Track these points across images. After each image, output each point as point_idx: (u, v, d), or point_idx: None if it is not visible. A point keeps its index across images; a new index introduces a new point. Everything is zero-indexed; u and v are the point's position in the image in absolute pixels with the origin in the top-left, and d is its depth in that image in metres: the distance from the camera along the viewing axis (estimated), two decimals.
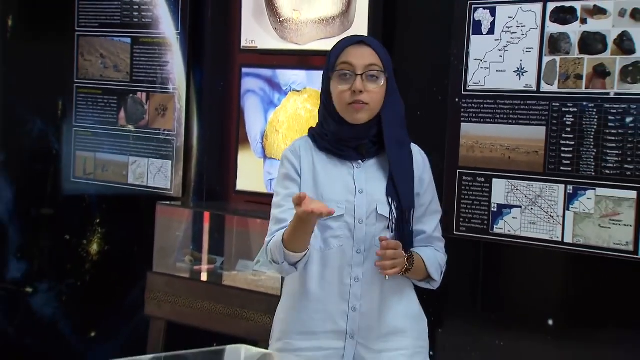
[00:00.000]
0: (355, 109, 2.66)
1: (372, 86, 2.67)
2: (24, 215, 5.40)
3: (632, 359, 3.43)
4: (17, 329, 5.41)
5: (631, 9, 3.38)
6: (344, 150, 2.75)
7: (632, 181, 3.39)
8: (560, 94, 3.55)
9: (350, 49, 2.71)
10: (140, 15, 4.86)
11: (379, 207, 2.72)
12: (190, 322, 4.15)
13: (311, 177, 2.76)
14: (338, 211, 2.65)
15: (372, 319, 2.74)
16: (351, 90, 2.66)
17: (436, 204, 2.89)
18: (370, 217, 2.72)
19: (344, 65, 2.69)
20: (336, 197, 2.70)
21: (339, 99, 2.69)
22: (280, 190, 2.82)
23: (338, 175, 2.75)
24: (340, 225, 2.70)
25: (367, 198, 2.72)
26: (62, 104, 5.20)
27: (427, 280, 2.80)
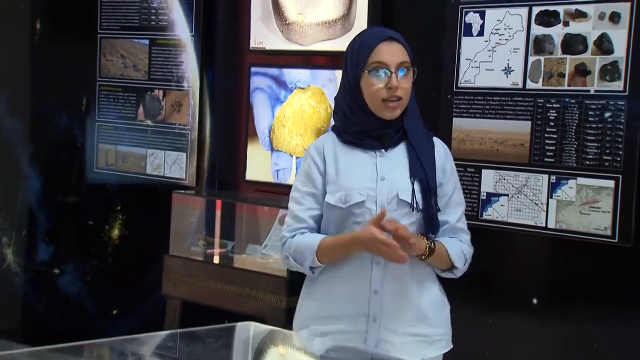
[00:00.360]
0: (391, 107, 2.57)
1: (404, 82, 2.57)
2: (51, 202, 5.41)
3: (609, 333, 3.43)
4: (45, 307, 5.42)
5: (610, 13, 3.38)
6: (366, 140, 2.65)
7: (610, 171, 3.39)
8: (544, 91, 3.55)
9: (382, 47, 2.59)
10: (157, 18, 4.86)
11: (400, 193, 2.60)
12: (203, 301, 4.15)
13: (334, 171, 2.65)
14: (359, 197, 2.57)
15: (395, 303, 2.61)
16: (387, 87, 2.55)
17: (459, 195, 2.76)
18: (391, 203, 2.59)
19: (378, 64, 2.57)
20: (357, 185, 2.60)
21: (375, 95, 2.57)
22: (300, 186, 2.71)
23: (360, 164, 2.64)
24: (362, 212, 2.59)
25: (389, 185, 2.61)
26: (85, 101, 5.21)
27: (450, 269, 2.66)
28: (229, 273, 4.14)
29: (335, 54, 4.15)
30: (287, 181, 4.31)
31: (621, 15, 3.36)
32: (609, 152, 3.40)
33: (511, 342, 3.63)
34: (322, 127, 4.21)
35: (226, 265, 4.26)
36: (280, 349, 2.68)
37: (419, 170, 2.62)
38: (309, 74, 4.27)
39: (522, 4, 3.60)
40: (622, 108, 3.37)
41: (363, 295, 2.59)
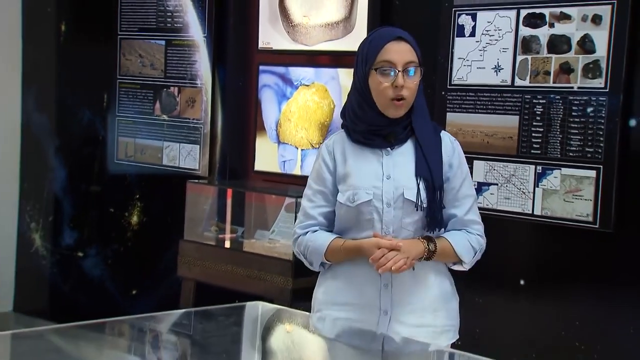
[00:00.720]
0: (396, 105, 2.47)
1: (410, 81, 2.47)
2: (75, 191, 5.41)
3: (590, 311, 3.42)
4: (70, 287, 5.43)
5: (592, 15, 3.38)
6: (374, 139, 2.54)
7: (592, 162, 3.39)
8: (531, 88, 3.55)
9: (390, 46, 2.47)
10: (172, 21, 4.85)
11: (405, 191, 2.49)
12: (215, 283, 4.16)
13: (343, 170, 2.56)
14: (366, 197, 2.48)
15: (405, 296, 2.53)
16: (393, 86, 2.45)
17: (468, 188, 2.62)
18: (397, 201, 2.49)
19: (385, 63, 2.46)
20: (364, 184, 2.50)
21: (381, 94, 2.47)
22: (312, 184, 2.64)
23: (367, 163, 2.54)
24: (370, 210, 2.49)
25: (394, 183, 2.50)
26: (106, 97, 5.20)
27: (458, 262, 2.57)
28: (239, 256, 4.14)
29: (338, 54, 4.16)
30: (292, 171, 4.32)
31: (602, 17, 3.36)
32: (590, 144, 3.40)
33: (500, 320, 3.63)
34: (325, 121, 4.20)
35: (236, 249, 4.26)
36: (286, 326, 2.67)
37: (424, 169, 2.51)
38: (313, 72, 4.26)
39: (510, 7, 3.59)
40: (603, 103, 3.37)
41: (374, 287, 2.52)
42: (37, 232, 5.58)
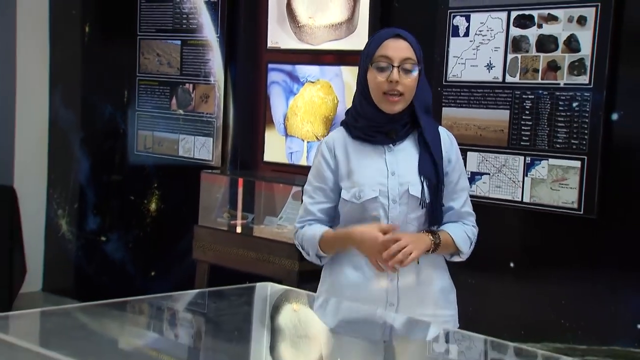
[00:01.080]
0: (390, 100, 2.35)
1: (406, 78, 2.35)
2: (98, 180, 5.42)
3: (575, 291, 3.42)
4: (94, 269, 5.44)
5: (577, 16, 3.37)
6: (376, 135, 2.41)
7: (577, 153, 3.39)
8: (521, 84, 3.54)
9: (388, 42, 2.37)
10: (188, 22, 4.85)
11: (410, 188, 2.38)
12: (227, 265, 4.16)
13: (346, 166, 2.43)
14: (372, 193, 2.37)
15: (410, 290, 2.42)
16: (388, 81, 2.33)
17: (464, 181, 2.54)
18: (402, 197, 2.38)
19: (382, 58, 2.36)
20: (369, 181, 2.39)
21: (376, 88, 2.37)
22: (312, 180, 2.53)
23: (370, 160, 2.41)
24: (376, 206, 2.38)
25: (399, 180, 2.39)
26: (127, 93, 5.20)
27: (456, 253, 2.48)
28: (249, 241, 4.14)
29: (341, 53, 4.15)
30: (299, 162, 4.31)
31: (587, 19, 3.36)
32: (576, 136, 3.39)
33: (491, 300, 3.62)
34: (329, 116, 4.20)
35: (247, 234, 4.26)
36: (293, 305, 2.67)
37: (428, 167, 2.40)
38: (318, 69, 4.25)
39: (502, 9, 3.59)
40: (587, 99, 3.37)
41: (380, 285, 2.41)
42: (64, 218, 5.59)
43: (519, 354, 1.83)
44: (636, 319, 3.34)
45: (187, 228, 4.51)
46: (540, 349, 1.54)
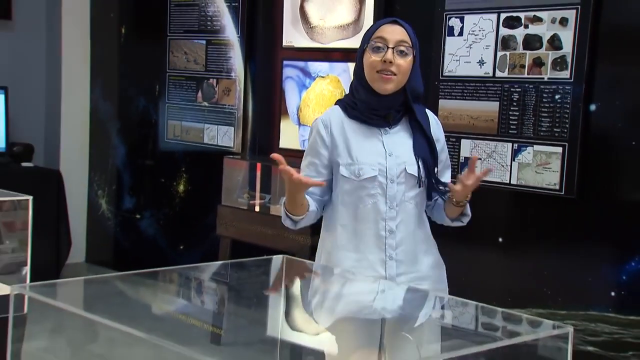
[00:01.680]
0: (383, 79, 2.20)
1: (401, 60, 2.20)
2: (133, 165, 5.43)
3: (556, 263, 3.42)
4: (130, 243, 5.47)
5: (560, 18, 3.36)
6: (373, 118, 2.27)
7: (559, 140, 3.38)
8: (509, 78, 3.53)
9: (385, 27, 2.25)
10: (212, 24, 4.84)
11: (407, 167, 2.25)
12: (247, 240, 4.17)
13: (343, 144, 2.27)
14: (371, 172, 2.23)
15: (407, 266, 2.29)
16: (382, 60, 2.19)
17: (448, 159, 2.45)
18: (400, 177, 2.24)
19: (378, 39, 2.22)
20: (369, 160, 2.24)
21: (371, 67, 2.22)
22: (307, 155, 2.38)
23: (369, 141, 2.27)
24: (374, 185, 2.23)
25: (397, 160, 2.25)
26: (158, 87, 5.20)
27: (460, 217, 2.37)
28: (266, 219, 4.15)
29: (348, 50, 4.13)
30: None
31: (568, 20, 3.35)
32: (558, 125, 3.39)
33: (482, 271, 3.63)
34: None
35: (264, 213, 4.27)
36: (304, 275, 2.67)
37: (423, 148, 2.27)
38: (328, 66, 4.24)
39: (492, 11, 3.58)
40: (568, 92, 3.36)
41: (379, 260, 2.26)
42: (103, 198, 5.62)
43: (506, 318, 1.83)
44: (610, 287, 3.34)
45: (212, 207, 4.52)
46: (525, 313, 1.55)
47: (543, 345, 1.66)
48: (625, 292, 3.32)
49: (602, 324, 3.36)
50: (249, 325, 2.35)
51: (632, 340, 3.29)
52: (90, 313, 1.45)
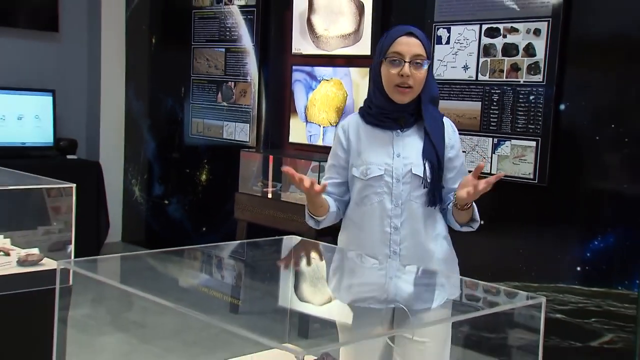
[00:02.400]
0: (401, 92, 2.04)
1: (416, 72, 2.02)
2: (162, 157, 5.43)
3: (531, 243, 3.42)
4: (159, 225, 5.47)
5: (534, 29, 3.37)
6: (386, 121, 2.10)
7: (533, 135, 3.38)
8: (490, 81, 3.52)
9: (401, 39, 2.04)
10: (230, 34, 4.82)
11: (413, 168, 2.07)
12: (261, 223, 4.16)
13: (357, 147, 2.12)
14: (377, 172, 2.07)
15: (410, 261, 2.11)
16: (399, 74, 2.01)
17: (464, 166, 2.20)
18: (405, 177, 2.07)
19: (395, 54, 2.03)
20: (377, 160, 2.08)
21: (388, 80, 2.04)
22: (329, 159, 2.23)
23: (380, 142, 2.10)
24: (381, 184, 2.07)
25: (404, 161, 2.07)
26: (183, 89, 5.20)
27: (469, 223, 2.17)
28: (278, 204, 4.15)
29: (350, 57, 4.13)
30: (317, 143, 4.31)
31: (541, 31, 3.34)
32: (532, 122, 3.38)
33: (466, 250, 3.61)
34: (340, 106, 4.19)
35: (276, 199, 4.26)
36: (311, 254, 2.67)
37: (430, 151, 2.08)
38: (332, 70, 4.23)
39: (475, 23, 3.57)
40: (541, 93, 3.35)
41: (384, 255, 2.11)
42: (136, 186, 5.62)
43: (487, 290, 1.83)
44: (576, 263, 3.34)
45: (230, 194, 4.52)
46: (503, 286, 1.55)
47: (519, 314, 1.66)
48: (589, 267, 3.32)
49: (569, 295, 3.36)
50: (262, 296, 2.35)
51: (594, 308, 3.29)
52: (125, 285, 1.46)
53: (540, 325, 1.36)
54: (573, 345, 3.36)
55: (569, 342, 3.36)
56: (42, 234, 2.78)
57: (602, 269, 3.28)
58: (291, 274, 2.31)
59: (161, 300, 1.26)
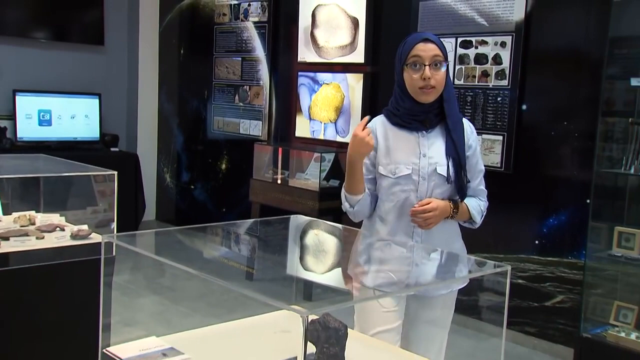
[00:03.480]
0: (425, 93, 1.88)
1: (436, 72, 1.87)
2: (189, 149, 5.42)
3: (499, 223, 3.41)
4: (187, 206, 5.47)
5: (500, 41, 3.34)
6: (412, 123, 1.93)
7: (500, 130, 3.36)
8: (464, 85, 3.50)
9: (419, 45, 1.89)
10: (245, 45, 4.79)
11: (438, 168, 1.91)
12: (271, 204, 4.16)
13: (385, 146, 1.95)
14: (406, 171, 1.91)
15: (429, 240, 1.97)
16: (422, 78, 1.86)
17: (481, 164, 2.02)
18: (431, 175, 1.92)
19: (415, 58, 1.88)
20: (404, 160, 1.92)
21: (412, 84, 1.89)
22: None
23: (406, 143, 1.94)
24: (407, 182, 1.92)
25: (429, 160, 1.92)
26: (206, 92, 5.18)
27: (469, 221, 2.02)
28: (286, 189, 4.14)
29: (346, 64, 4.10)
30: (318, 137, 4.29)
31: (507, 43, 3.32)
32: (499, 120, 3.36)
33: None
34: (338, 106, 4.17)
35: (284, 184, 4.26)
36: (314, 231, 2.67)
37: (452, 150, 1.92)
38: (331, 76, 4.20)
39: (452, 36, 3.53)
40: (507, 95, 3.33)
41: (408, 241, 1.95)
42: (168, 174, 5.62)
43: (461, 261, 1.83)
44: (534, 237, 3.34)
45: (245, 180, 4.52)
46: (474, 257, 1.54)
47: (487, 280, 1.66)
48: (545, 241, 3.32)
49: (529, 264, 3.36)
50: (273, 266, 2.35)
51: (549, 275, 3.30)
52: (159, 256, 1.45)
53: (505, 289, 1.35)
54: (531, 305, 3.36)
55: (528, 303, 3.37)
56: (90, 213, 2.79)
57: (555, 242, 3.28)
58: (296, 247, 2.31)
59: (188, 268, 1.25)
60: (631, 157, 2.80)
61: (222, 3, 4.96)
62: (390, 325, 1.95)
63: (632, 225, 2.83)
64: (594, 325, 2.88)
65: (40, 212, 2.44)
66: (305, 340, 0.98)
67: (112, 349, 1.34)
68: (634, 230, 2.81)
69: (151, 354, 1.33)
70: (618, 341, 2.77)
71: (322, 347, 1.24)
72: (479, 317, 3.21)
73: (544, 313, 3.32)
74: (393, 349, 1.51)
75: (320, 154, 3.99)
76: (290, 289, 1.77)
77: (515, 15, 3.31)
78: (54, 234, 2.20)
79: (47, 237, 2.17)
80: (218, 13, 4.99)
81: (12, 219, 2.29)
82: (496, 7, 3.37)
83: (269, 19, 4.59)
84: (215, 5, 5.01)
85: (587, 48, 3.13)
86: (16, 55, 4.88)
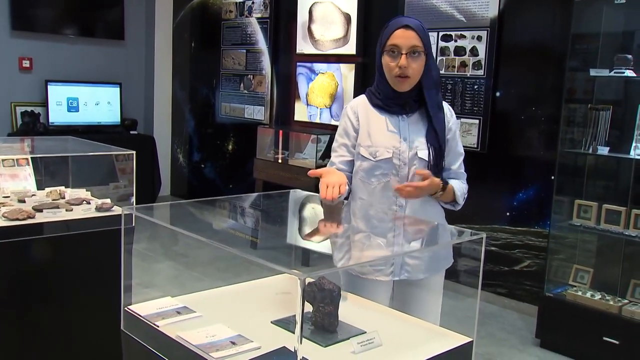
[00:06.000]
0: (400, 81, 1.65)
1: (413, 63, 1.64)
2: (199, 132, 5.39)
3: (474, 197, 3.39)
4: (198, 182, 5.46)
5: (477, 35, 3.30)
6: (392, 106, 1.70)
7: (477, 115, 3.34)
8: (445, 75, 3.46)
9: (398, 32, 1.65)
10: (249, 38, 4.73)
11: (419, 152, 1.68)
12: (273, 181, 4.16)
13: (366, 128, 1.73)
14: (386, 154, 1.69)
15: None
16: (397, 66, 1.63)
17: (460, 147, 1.80)
18: (411, 159, 1.69)
19: (392, 46, 1.65)
20: (385, 143, 1.69)
21: (388, 70, 1.66)
22: (338, 138, 1.79)
23: (387, 126, 1.72)
24: (388, 166, 1.69)
25: (410, 144, 1.69)
26: (215, 81, 5.13)
27: (452, 203, 1.79)
28: (286, 167, 4.13)
29: (339, 55, 4.07)
30: (315, 121, 4.26)
31: (482, 37, 3.29)
32: (476, 105, 3.35)
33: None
34: (332, 93, 4.14)
35: (284, 163, 4.25)
36: (311, 204, 2.66)
37: (433, 135, 1.70)
38: (326, 66, 4.16)
39: (434, 30, 3.48)
40: (482, 84, 3.31)
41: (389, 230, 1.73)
42: (181, 154, 5.59)
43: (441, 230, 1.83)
44: (506, 209, 3.34)
45: (250, 159, 4.50)
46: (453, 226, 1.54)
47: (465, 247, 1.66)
48: (515, 213, 3.33)
49: (501, 233, 3.38)
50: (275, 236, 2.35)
51: (518, 242, 3.32)
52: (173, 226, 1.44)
53: (481, 255, 1.35)
54: (502, 269, 3.39)
55: (500, 267, 3.40)
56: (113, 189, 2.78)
57: (524, 213, 3.29)
58: (295, 218, 2.30)
59: (200, 237, 1.24)
60: (590, 139, 2.82)
61: (228, 1, 4.89)
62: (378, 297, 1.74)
63: (590, 198, 2.87)
64: (555, 286, 2.92)
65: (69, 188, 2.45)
66: (302, 300, 0.98)
67: (132, 307, 1.35)
68: (591, 203, 2.85)
69: (167, 312, 1.33)
70: (576, 299, 2.81)
71: (318, 306, 1.25)
72: (457, 280, 3.23)
73: (513, 276, 3.35)
74: (383, 309, 1.52)
75: (317, 136, 3.97)
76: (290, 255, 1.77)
77: (490, 13, 3.27)
78: (81, 207, 2.21)
79: (75, 210, 2.18)
80: (225, 10, 4.92)
81: (45, 193, 2.31)
82: (473, 5, 3.33)
83: (271, 15, 4.53)
84: (223, 3, 4.94)
85: (553, 42, 3.11)
86: (48, 50, 4.89)
